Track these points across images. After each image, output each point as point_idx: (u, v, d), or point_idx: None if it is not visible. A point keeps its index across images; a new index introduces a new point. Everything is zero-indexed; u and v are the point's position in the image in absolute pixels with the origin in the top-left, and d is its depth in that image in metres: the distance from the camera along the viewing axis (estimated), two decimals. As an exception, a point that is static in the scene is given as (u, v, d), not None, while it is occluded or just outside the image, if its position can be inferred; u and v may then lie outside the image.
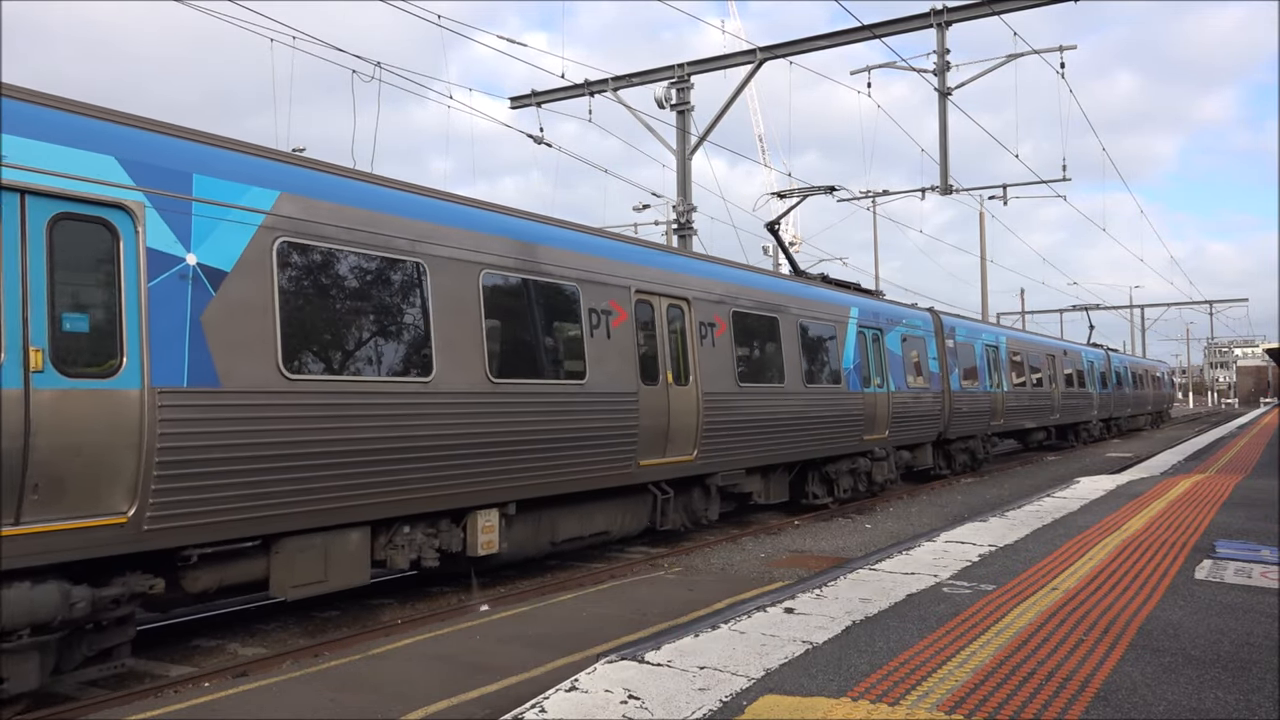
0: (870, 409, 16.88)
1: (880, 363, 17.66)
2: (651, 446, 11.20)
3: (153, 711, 6.22)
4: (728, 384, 12.67)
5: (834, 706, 4.73)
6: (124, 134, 6.66)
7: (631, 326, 11.10)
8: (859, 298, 17.75)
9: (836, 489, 16.47)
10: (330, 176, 8.14)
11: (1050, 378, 29.66)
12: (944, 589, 7.52)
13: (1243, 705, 4.73)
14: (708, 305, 12.60)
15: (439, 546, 8.94)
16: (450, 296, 8.79)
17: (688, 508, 12.72)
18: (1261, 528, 10.61)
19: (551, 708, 4.82)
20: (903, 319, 19.23)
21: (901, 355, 18.57)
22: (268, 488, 7.08)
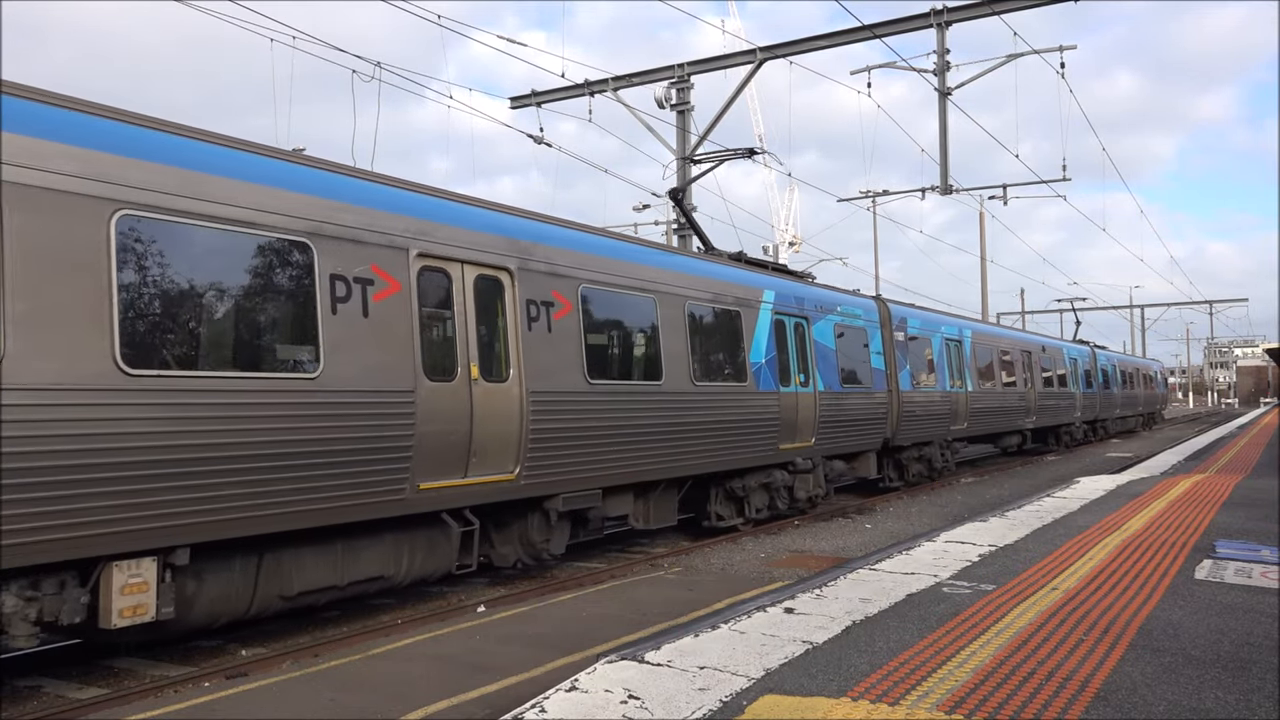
0: (789, 412, 14.29)
1: (805, 357, 15.03)
2: (442, 462, 8.46)
3: (153, 711, 6.22)
4: (572, 380, 9.99)
5: (834, 706, 4.73)
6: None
7: (409, 301, 8.27)
8: (778, 279, 14.99)
9: (748, 508, 14.04)
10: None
11: (1026, 377, 27.27)
12: (944, 589, 7.52)
13: (1243, 705, 4.73)
14: (542, 279, 9.84)
15: (39, 617, 6.12)
16: (49, 246, 6.00)
17: (523, 538, 10.14)
18: (1261, 528, 10.61)
19: (551, 708, 4.82)
20: (837, 306, 16.50)
21: (835, 349, 15.95)
22: None
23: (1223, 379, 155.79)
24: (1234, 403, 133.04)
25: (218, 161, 7.16)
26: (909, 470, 19.90)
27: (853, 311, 17.06)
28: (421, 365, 8.30)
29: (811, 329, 15.36)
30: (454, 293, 8.84)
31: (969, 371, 22.50)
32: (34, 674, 7.69)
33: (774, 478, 14.28)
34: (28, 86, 6.33)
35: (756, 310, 13.85)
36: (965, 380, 22.18)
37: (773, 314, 14.23)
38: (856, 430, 16.54)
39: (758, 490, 14.16)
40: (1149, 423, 52.50)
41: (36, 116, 6.18)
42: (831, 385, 15.64)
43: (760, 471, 14.03)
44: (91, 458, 6.04)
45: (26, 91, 6.29)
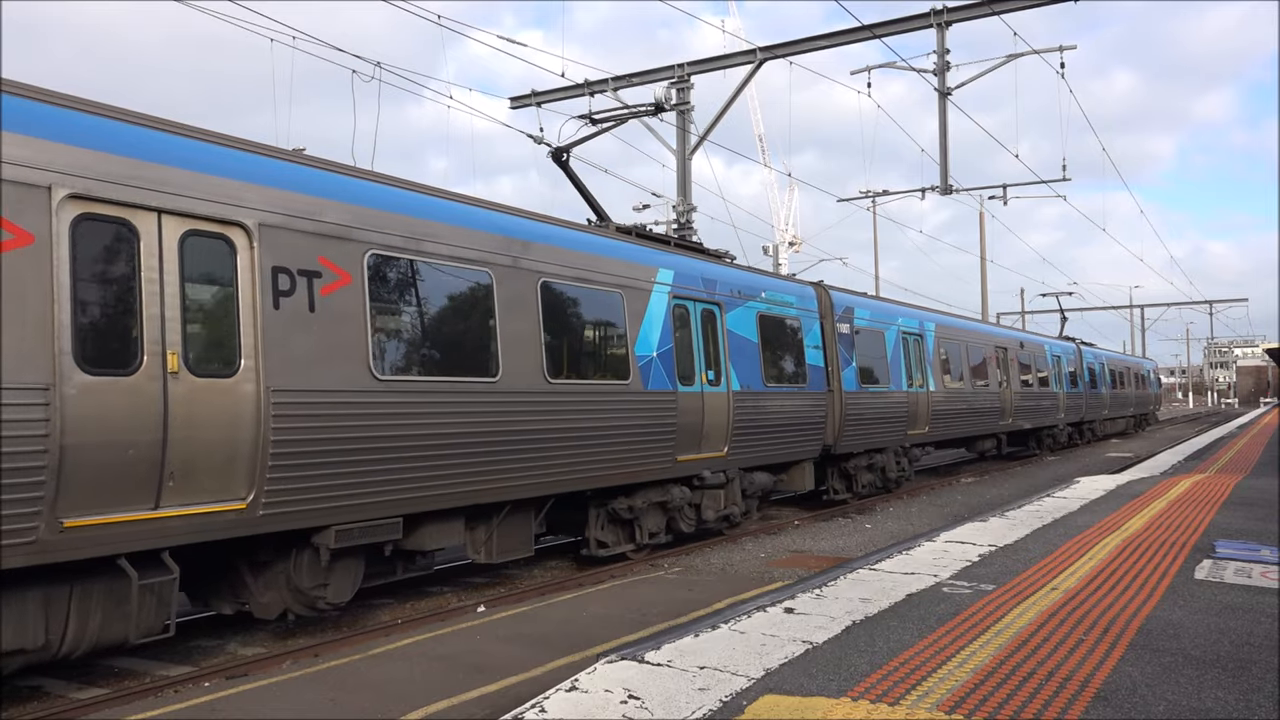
0: (691, 416, 11.90)
1: (714, 350, 12.62)
2: (108, 488, 6.17)
3: (153, 711, 6.22)
4: (348, 376, 7.66)
5: (834, 706, 4.73)
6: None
7: (46, 260, 5.98)
8: (679, 257, 12.48)
9: (640, 532, 11.67)
10: None
11: (1001, 375, 25.06)
12: (944, 589, 7.52)
13: (1243, 705, 4.73)
14: (302, 241, 7.49)
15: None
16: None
17: (289, 583, 7.91)
18: (1261, 528, 10.61)
19: (551, 708, 4.82)
20: (761, 291, 14.06)
21: (758, 342, 13.62)
22: None
23: (1223, 379, 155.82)
24: (1234, 403, 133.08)
25: None
26: (857, 481, 17.46)
27: (782, 298, 14.62)
28: (71, 350, 6.03)
29: (725, 317, 12.85)
30: (140, 253, 6.47)
31: (931, 369, 20.25)
32: (34, 674, 7.69)
33: (672, 495, 11.84)
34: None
35: (647, 293, 11.38)
36: (927, 379, 19.92)
37: (670, 298, 11.73)
38: (786, 437, 14.21)
39: (651, 511, 11.71)
40: (1141, 424, 49.74)
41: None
42: (751, 384, 13.25)
43: (654, 488, 11.62)
44: None
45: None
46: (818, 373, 15.34)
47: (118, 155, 6.46)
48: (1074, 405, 32.42)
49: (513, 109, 22.58)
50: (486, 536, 9.66)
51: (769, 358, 13.94)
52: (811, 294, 15.93)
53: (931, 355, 20.50)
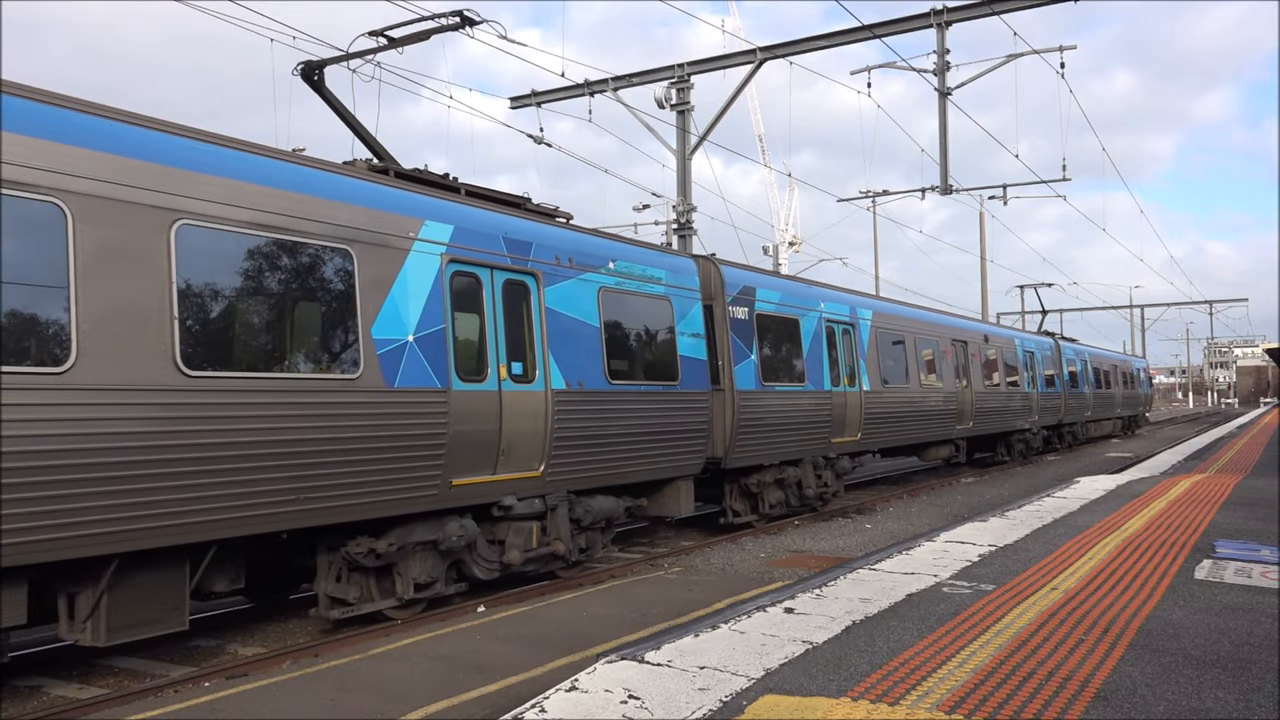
0: (479, 422, 9.00)
1: (524, 335, 9.71)
2: None
3: (153, 711, 6.22)
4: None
5: (834, 706, 4.73)
6: None
7: None
8: (466, 208, 9.41)
9: (400, 583, 8.68)
10: None
11: (961, 373, 22.24)
12: (944, 589, 7.52)
13: (1242, 705, 4.73)
14: None
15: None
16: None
17: None
18: (1261, 528, 10.62)
19: (551, 708, 4.82)
20: (607, 261, 11.06)
21: (599, 326, 10.70)
22: None
23: (1223, 379, 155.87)
24: (1234, 403, 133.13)
25: None
26: (764, 500, 14.58)
27: (641, 271, 11.62)
28: None
29: (544, 292, 9.93)
30: None
31: (866, 365, 17.34)
32: (34, 674, 7.70)
33: (446, 532, 8.90)
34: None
35: (401, 252, 8.46)
36: (859, 376, 17.03)
37: (445, 261, 8.85)
38: (645, 449, 11.25)
39: (418, 555, 8.81)
40: (1129, 427, 45.98)
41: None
42: (587, 380, 10.37)
43: (421, 524, 8.76)
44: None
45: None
46: (697, 367, 12.33)
47: None
48: (1050, 407, 29.54)
49: (512, 109, 22.59)
50: (88, 604, 6.60)
51: (617, 347, 10.98)
52: (690, 268, 12.86)
53: (866, 348, 17.51)
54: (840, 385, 16.35)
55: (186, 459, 6.68)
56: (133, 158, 6.65)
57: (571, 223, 11.24)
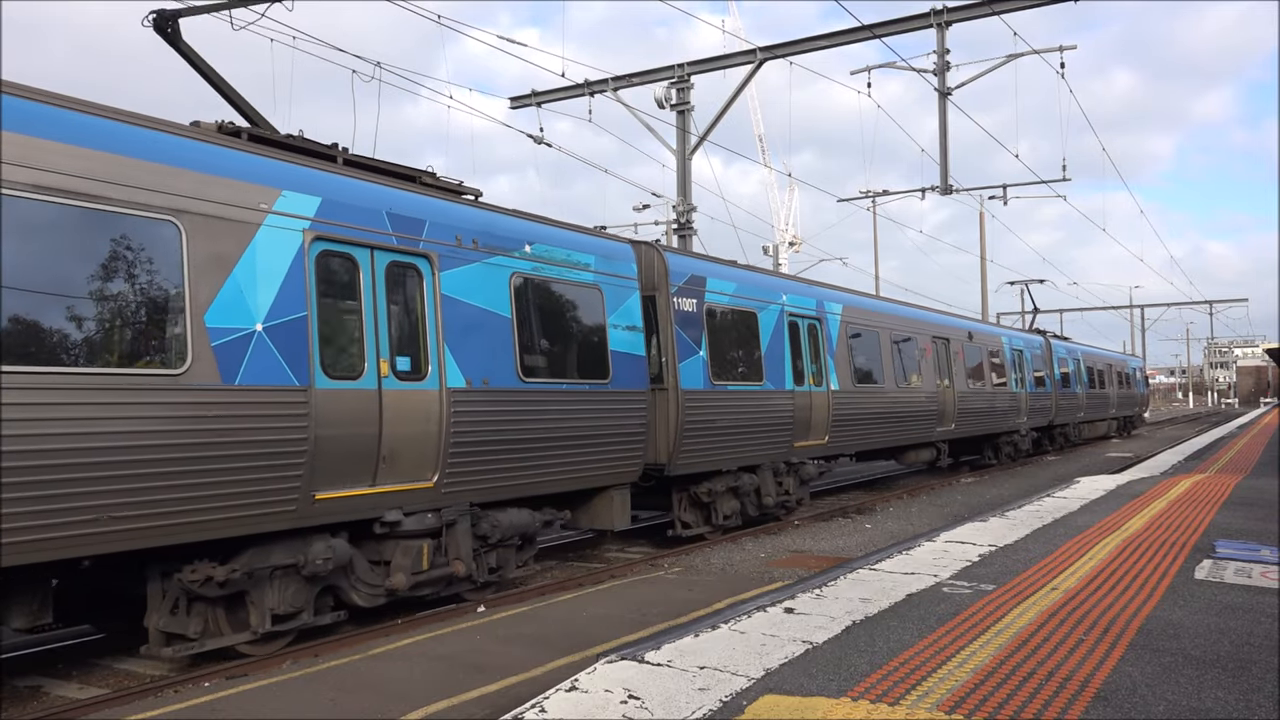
0: (349, 426, 7.83)
1: (414, 326, 8.56)
2: None
3: (153, 711, 6.22)
4: None
5: (834, 706, 4.73)
6: None
7: None
8: (336, 177, 8.20)
9: (256, 615, 7.55)
10: None
11: (943, 371, 21.07)
12: (944, 589, 7.52)
13: (1242, 705, 4.73)
14: None
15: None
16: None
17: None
18: (1261, 528, 10.61)
19: (551, 708, 4.82)
20: (523, 244, 9.88)
21: (510, 317, 9.53)
22: None
23: (1223, 379, 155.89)
24: (1234, 403, 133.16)
25: None
26: (718, 510, 13.31)
27: (567, 256, 10.49)
28: None
29: (439, 276, 8.76)
30: None
31: (835, 363, 16.18)
32: (34, 674, 7.70)
33: (310, 554, 7.71)
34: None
35: (250, 227, 7.32)
36: (827, 375, 15.85)
37: (309, 239, 7.67)
38: (566, 455, 10.15)
39: (278, 581, 7.61)
40: (1125, 428, 44.16)
41: None
42: (494, 377, 9.22)
43: (281, 545, 7.59)
44: None
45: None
46: (632, 364, 11.21)
47: None
48: (1040, 407, 28.28)
49: (513, 109, 22.60)
50: None
51: (534, 340, 9.88)
52: (626, 254, 11.61)
53: (835, 345, 16.32)
54: (805, 384, 15.20)
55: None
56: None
57: (481, 200, 9.97)
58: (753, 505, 14.06)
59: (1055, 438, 31.24)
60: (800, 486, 15.24)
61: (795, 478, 14.96)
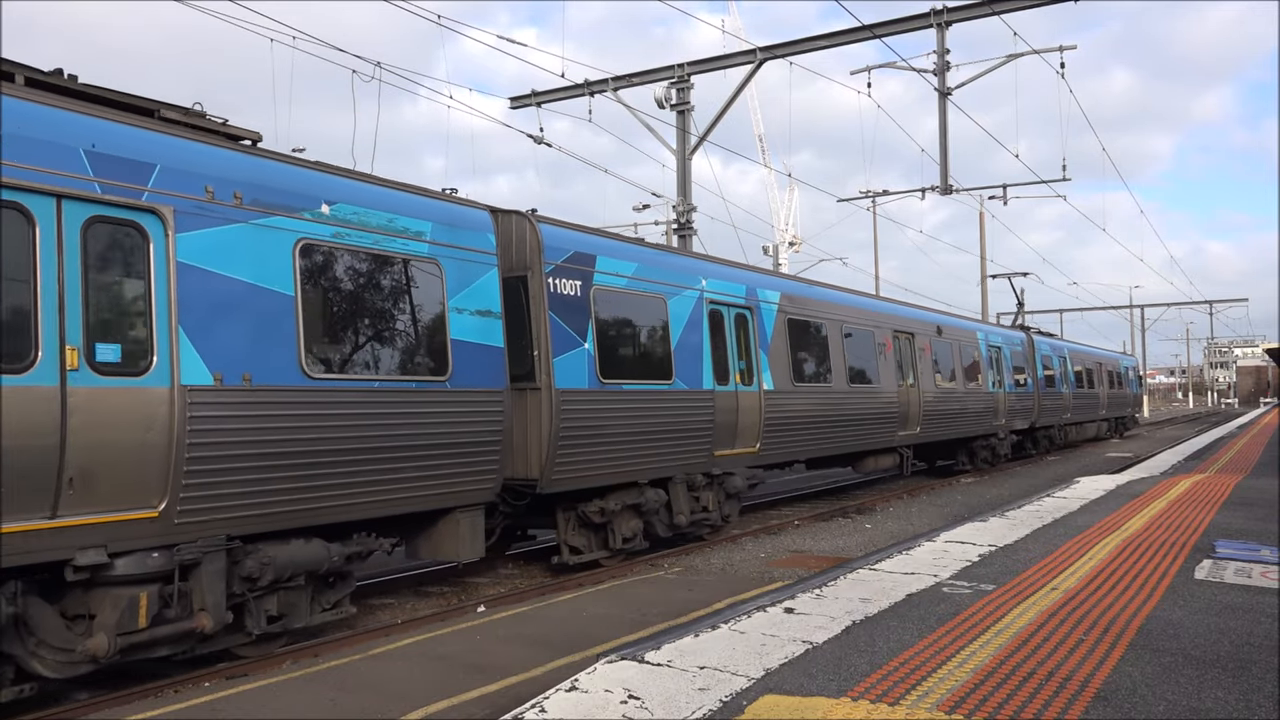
0: (32, 436, 5.91)
1: (133, 304, 6.61)
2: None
3: (153, 711, 6.22)
4: None
5: (834, 706, 4.73)
6: None
7: None
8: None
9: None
10: None
11: (907, 369, 19.17)
12: (944, 589, 7.52)
13: (1242, 705, 4.73)
14: None
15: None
16: None
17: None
18: (1261, 528, 10.62)
19: (551, 708, 4.82)
20: (319, 203, 7.92)
21: (295, 295, 7.59)
22: None
23: (1223, 379, 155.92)
24: (1234, 403, 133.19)
25: None
26: (615, 532, 11.21)
27: (388, 221, 8.47)
28: None
29: (178, 239, 6.79)
30: None
31: (768, 357, 14.08)
32: (34, 674, 7.68)
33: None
34: None
35: None
36: (758, 372, 13.76)
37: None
38: (382, 471, 8.13)
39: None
40: (1117, 430, 41.81)
41: None
42: (266, 372, 7.29)
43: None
44: None
45: None
46: (483, 358, 9.22)
47: None
48: (1021, 408, 26.36)
49: (513, 109, 22.61)
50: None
51: (330, 325, 7.89)
52: (480, 223, 9.50)
53: (771, 338, 14.25)
54: (730, 383, 13.08)
55: None
56: None
57: (259, 146, 7.83)
58: (663, 525, 11.97)
59: (1039, 441, 29.44)
60: (727, 501, 13.14)
61: (719, 491, 12.87)
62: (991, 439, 24.37)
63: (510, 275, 10.23)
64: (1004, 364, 25.34)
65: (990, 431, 24.06)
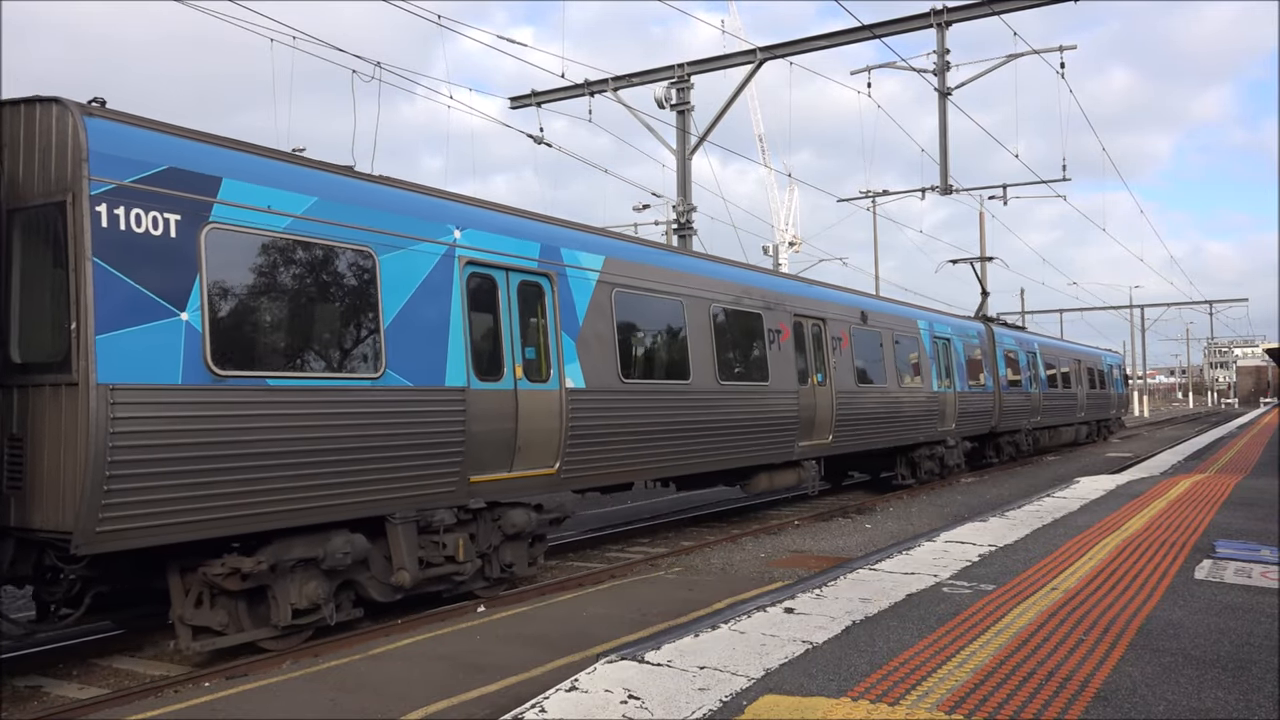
0: None
1: None
2: None
3: (153, 711, 6.22)
4: None
5: (834, 706, 4.73)
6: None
7: None
8: None
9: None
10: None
11: (813, 362, 15.56)
12: (944, 589, 7.52)
13: (1243, 705, 4.73)
14: None
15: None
16: None
17: None
18: (1261, 528, 10.62)
19: (551, 708, 4.82)
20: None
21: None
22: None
23: (1223, 379, 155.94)
24: (1234, 403, 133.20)
25: None
26: (278, 603, 7.75)
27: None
28: None
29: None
30: None
31: (575, 345, 10.44)
32: (34, 674, 7.70)
33: None
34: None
35: None
36: (558, 365, 10.14)
37: None
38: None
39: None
40: (1099, 434, 38.12)
41: None
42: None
43: None
44: None
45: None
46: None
47: None
48: (976, 410, 22.98)
49: (513, 109, 22.62)
50: None
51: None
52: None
53: (583, 318, 10.57)
54: (504, 378, 9.44)
55: None
56: None
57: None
58: (378, 587, 8.57)
59: (1002, 448, 25.96)
60: (510, 545, 9.72)
61: (490, 531, 9.47)
62: (938, 447, 20.91)
63: (31, 204, 6.74)
64: (954, 359, 21.95)
65: (936, 438, 20.59)
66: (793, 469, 15.19)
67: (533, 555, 10.21)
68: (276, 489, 7.41)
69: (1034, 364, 28.23)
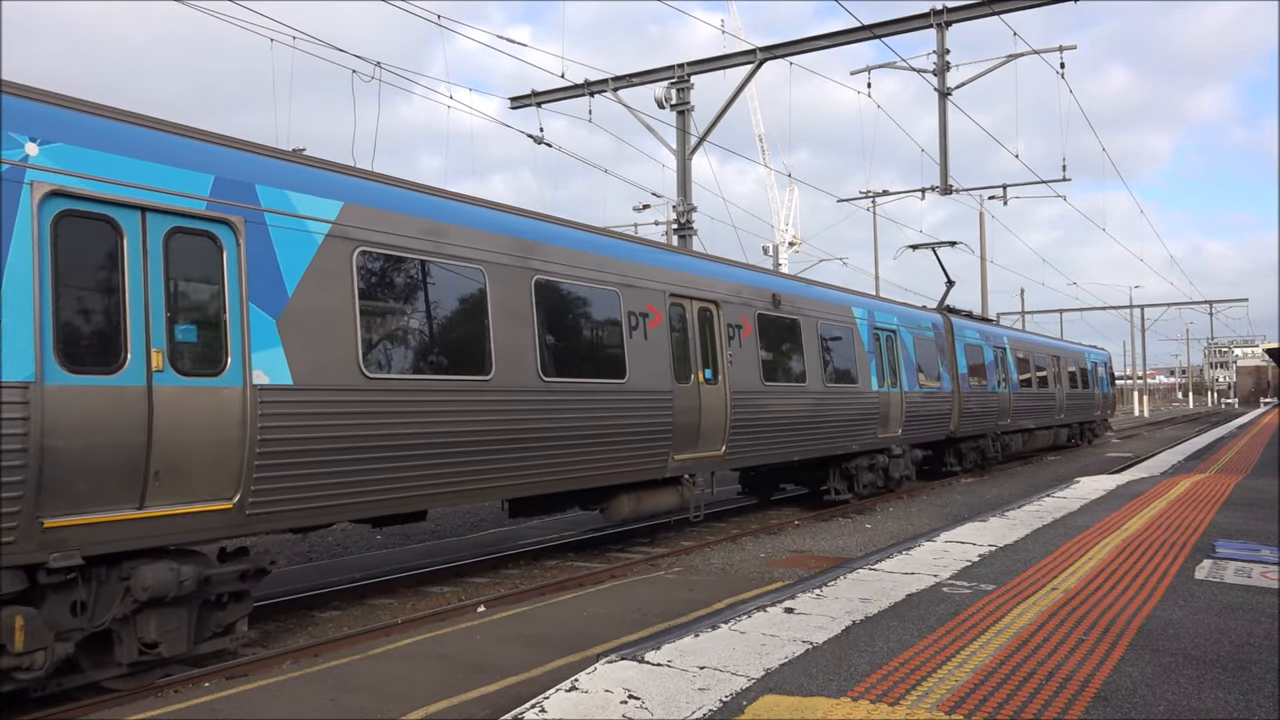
0: None
1: None
2: None
3: (153, 711, 6.22)
4: None
5: (834, 706, 4.73)
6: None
7: None
8: None
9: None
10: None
11: (697, 356, 12.48)
12: (944, 589, 7.52)
13: (1242, 705, 4.73)
14: None
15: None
16: None
17: None
18: (1261, 528, 10.62)
19: (551, 708, 4.82)
20: None
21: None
22: None
23: (1223, 379, 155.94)
24: (1234, 403, 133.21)
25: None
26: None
27: None
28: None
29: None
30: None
31: (277, 325, 7.35)
32: (34, 674, 7.67)
33: None
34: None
35: None
36: (243, 354, 7.08)
37: None
38: None
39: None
40: (1082, 437, 34.99)
41: None
42: None
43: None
44: None
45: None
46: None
47: None
48: (930, 413, 20.06)
49: (513, 109, 22.62)
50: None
51: None
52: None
53: (296, 284, 7.56)
54: (121, 369, 6.41)
55: None
56: None
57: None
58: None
59: (964, 454, 23.33)
60: (162, 615, 6.76)
61: (110, 598, 6.56)
62: (879, 456, 18.05)
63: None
64: (901, 354, 18.93)
65: (876, 446, 17.68)
66: (672, 487, 12.33)
67: (221, 622, 7.18)
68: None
69: (1003, 361, 25.35)
